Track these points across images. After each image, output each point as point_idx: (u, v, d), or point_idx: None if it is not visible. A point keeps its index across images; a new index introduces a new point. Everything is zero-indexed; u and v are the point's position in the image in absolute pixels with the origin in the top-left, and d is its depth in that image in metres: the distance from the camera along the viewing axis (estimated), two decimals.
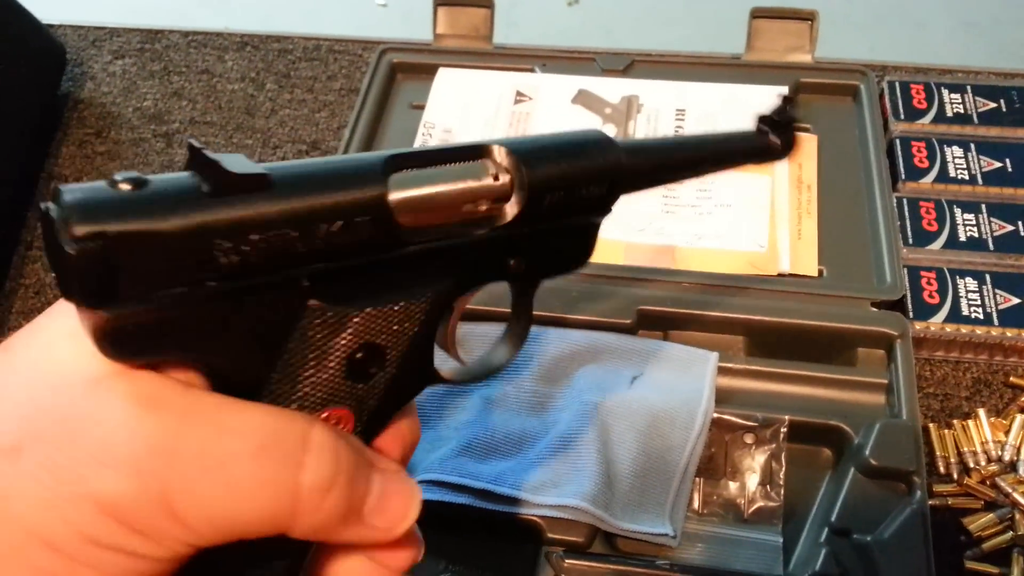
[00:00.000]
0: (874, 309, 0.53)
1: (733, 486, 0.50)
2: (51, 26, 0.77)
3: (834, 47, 0.74)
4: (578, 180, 0.27)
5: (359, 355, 0.24)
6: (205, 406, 0.21)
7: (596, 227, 0.29)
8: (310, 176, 0.22)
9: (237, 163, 0.21)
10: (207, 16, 1.32)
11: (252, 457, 0.21)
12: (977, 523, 0.48)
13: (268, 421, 0.22)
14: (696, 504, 0.49)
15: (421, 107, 0.67)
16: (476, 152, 0.26)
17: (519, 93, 0.67)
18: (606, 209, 0.29)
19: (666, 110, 0.64)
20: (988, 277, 0.54)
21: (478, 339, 0.53)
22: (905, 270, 0.54)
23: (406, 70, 0.70)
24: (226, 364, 0.22)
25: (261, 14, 1.40)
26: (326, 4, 1.45)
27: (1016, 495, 0.48)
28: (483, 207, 0.25)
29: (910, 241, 0.55)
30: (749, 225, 0.57)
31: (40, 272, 0.65)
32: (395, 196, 0.23)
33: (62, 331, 0.21)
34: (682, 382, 0.51)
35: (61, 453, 0.20)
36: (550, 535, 0.47)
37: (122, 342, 0.20)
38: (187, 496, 0.20)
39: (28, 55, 0.71)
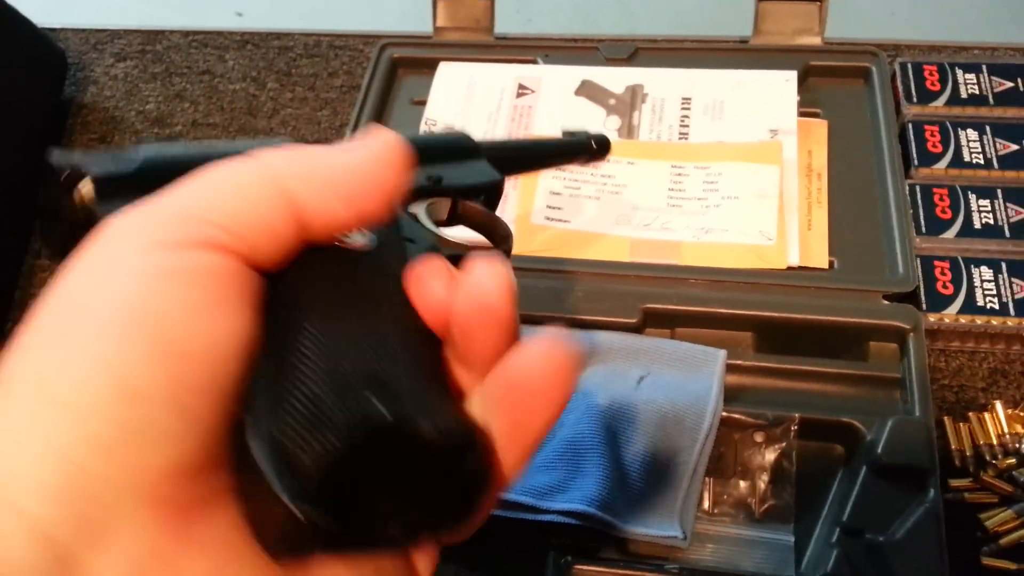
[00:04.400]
0: (886, 302, 0.52)
1: (743, 485, 0.49)
2: (52, 30, 0.77)
3: (847, 22, 0.72)
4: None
5: None
6: None
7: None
8: None
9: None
10: (209, 13, 1.31)
11: None
12: (994, 519, 0.47)
13: None
14: (706, 504, 0.49)
15: (423, 102, 0.66)
16: None
17: (521, 86, 0.66)
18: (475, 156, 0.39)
19: (672, 99, 0.63)
20: (1004, 265, 0.52)
21: None
22: (918, 260, 0.53)
23: (407, 65, 0.69)
24: None
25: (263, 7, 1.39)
26: None
27: None
28: None
29: (923, 230, 0.54)
30: (757, 217, 0.56)
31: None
32: None
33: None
34: (690, 381, 0.51)
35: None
36: (558, 540, 0.47)
37: None
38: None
39: (28, 62, 0.71)
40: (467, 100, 0.65)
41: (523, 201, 0.59)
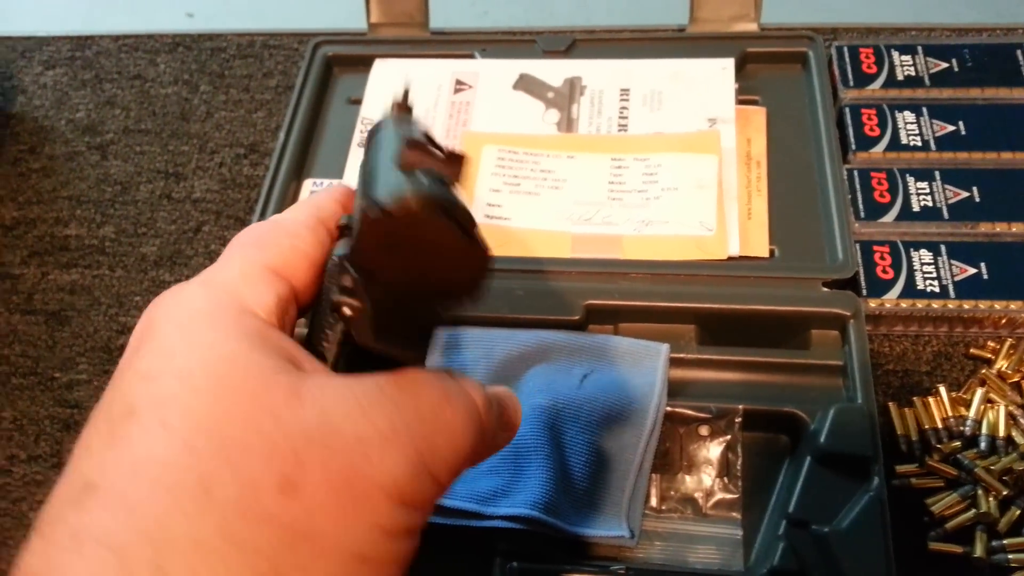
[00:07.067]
0: (826, 289, 0.51)
1: (690, 480, 0.49)
2: None
3: (785, 6, 0.72)
4: None
5: None
6: (401, 377, 0.24)
7: None
8: None
9: None
10: (159, 15, 1.27)
11: (447, 400, 0.24)
12: (940, 503, 0.47)
13: (428, 372, 0.25)
14: (654, 501, 0.48)
15: (359, 101, 0.65)
16: None
17: (459, 81, 0.64)
18: None
19: (610, 91, 0.62)
20: (943, 248, 0.52)
21: (468, 343, 0.52)
22: (857, 246, 0.52)
23: (342, 63, 0.68)
24: None
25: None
26: None
27: (978, 470, 0.47)
28: None
29: (862, 215, 0.54)
30: (697, 208, 0.55)
31: None
32: None
33: (217, 355, 0.22)
34: (633, 377, 0.50)
35: (328, 464, 0.21)
36: (504, 545, 0.46)
37: None
38: (434, 455, 0.23)
39: None
40: None
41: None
